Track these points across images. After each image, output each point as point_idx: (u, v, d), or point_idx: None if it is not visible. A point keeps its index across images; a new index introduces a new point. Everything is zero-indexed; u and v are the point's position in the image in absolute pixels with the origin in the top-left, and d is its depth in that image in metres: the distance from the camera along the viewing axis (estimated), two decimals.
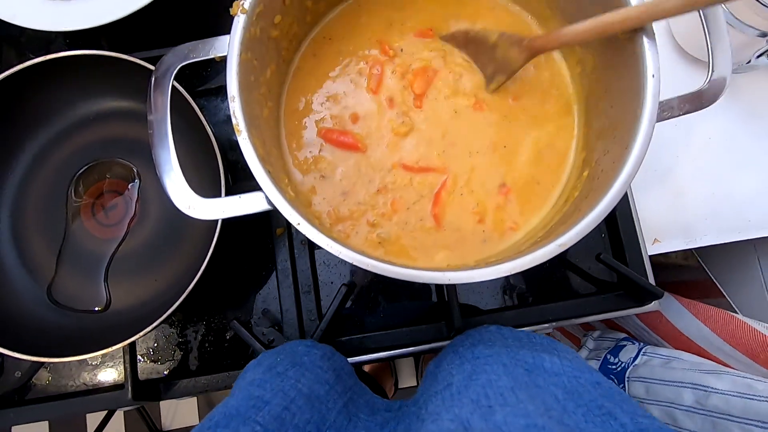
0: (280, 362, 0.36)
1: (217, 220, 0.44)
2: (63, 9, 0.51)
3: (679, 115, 0.33)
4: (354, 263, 0.30)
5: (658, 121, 0.32)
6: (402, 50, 0.42)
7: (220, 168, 0.44)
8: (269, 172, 0.32)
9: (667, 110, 0.32)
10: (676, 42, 0.59)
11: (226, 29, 0.33)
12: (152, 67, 0.46)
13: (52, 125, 0.51)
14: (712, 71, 0.33)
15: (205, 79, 0.57)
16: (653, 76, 0.33)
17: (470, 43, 0.40)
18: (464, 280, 0.30)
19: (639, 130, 0.30)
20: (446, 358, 0.36)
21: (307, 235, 0.30)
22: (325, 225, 0.40)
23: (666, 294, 0.70)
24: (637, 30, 0.32)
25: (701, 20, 0.33)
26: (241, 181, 0.52)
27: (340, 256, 0.30)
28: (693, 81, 0.58)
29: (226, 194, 0.45)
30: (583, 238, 0.30)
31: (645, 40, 0.32)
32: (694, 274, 0.76)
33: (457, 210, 0.39)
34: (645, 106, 0.30)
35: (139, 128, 0.52)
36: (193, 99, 0.45)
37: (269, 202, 0.31)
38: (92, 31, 0.50)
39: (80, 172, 0.51)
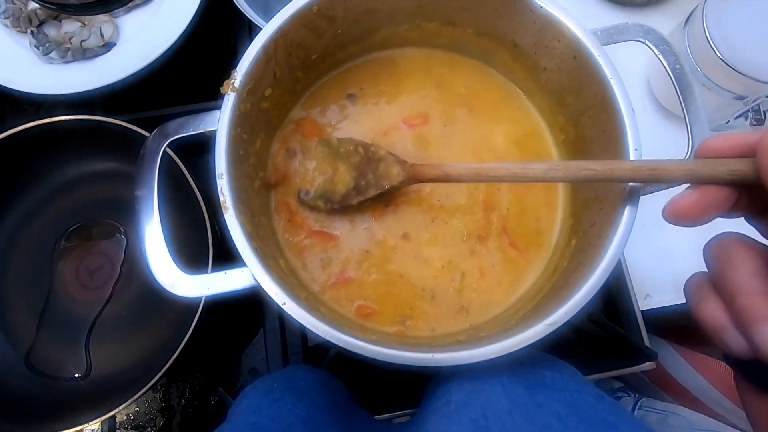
0: (277, 387, 0.35)
1: None
2: (60, 73, 0.52)
3: (665, 188, 0.33)
4: (340, 344, 0.29)
5: (642, 194, 0.33)
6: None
7: (209, 236, 0.44)
8: (257, 250, 0.31)
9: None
10: (655, 98, 0.61)
11: (219, 94, 0.34)
12: (141, 131, 0.46)
13: (39, 187, 0.51)
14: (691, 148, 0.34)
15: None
16: (635, 150, 0.33)
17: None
18: (454, 361, 0.29)
19: (623, 210, 0.31)
20: (445, 376, 0.35)
21: (292, 315, 0.30)
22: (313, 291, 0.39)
23: (663, 342, 0.69)
24: None
25: (679, 99, 0.34)
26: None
27: (326, 336, 0.30)
28: (673, 136, 0.60)
29: (214, 259, 0.45)
30: None
31: None
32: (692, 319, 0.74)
33: (439, 279, 0.39)
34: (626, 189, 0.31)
35: (127, 189, 0.51)
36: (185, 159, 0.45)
37: (256, 279, 0.31)
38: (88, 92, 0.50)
39: (66, 232, 0.50)
